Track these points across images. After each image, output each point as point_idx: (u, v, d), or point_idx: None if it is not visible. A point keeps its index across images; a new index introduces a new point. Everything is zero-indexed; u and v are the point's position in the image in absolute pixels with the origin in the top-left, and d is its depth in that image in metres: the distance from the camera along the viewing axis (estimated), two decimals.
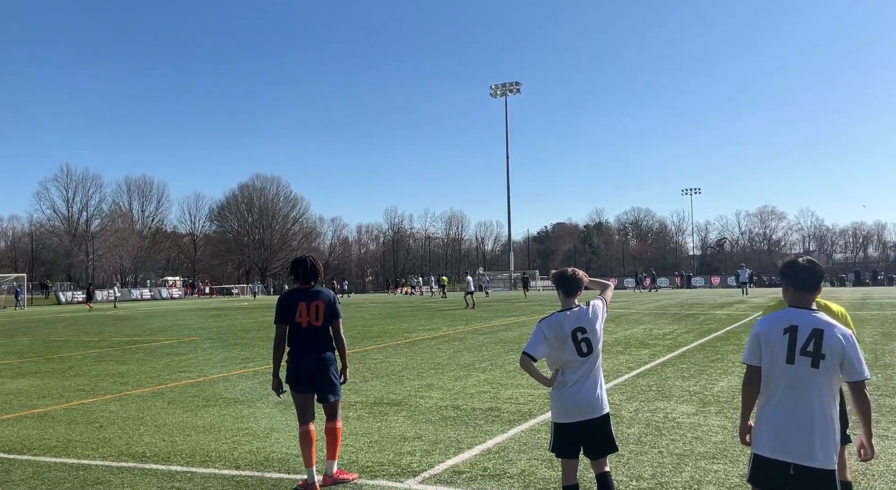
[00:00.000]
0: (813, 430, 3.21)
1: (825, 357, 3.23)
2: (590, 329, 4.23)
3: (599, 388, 4.25)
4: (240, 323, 25.53)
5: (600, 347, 4.30)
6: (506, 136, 77.47)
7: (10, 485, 5.56)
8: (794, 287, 3.42)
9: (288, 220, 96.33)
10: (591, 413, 4.21)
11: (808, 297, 3.40)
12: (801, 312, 3.36)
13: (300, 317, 5.42)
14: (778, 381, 3.29)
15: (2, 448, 6.80)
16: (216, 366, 12.89)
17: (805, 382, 3.24)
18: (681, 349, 13.85)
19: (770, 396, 3.33)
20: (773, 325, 3.35)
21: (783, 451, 3.23)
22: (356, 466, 5.84)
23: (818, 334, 3.26)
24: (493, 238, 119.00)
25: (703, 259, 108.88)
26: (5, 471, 5.97)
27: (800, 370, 3.25)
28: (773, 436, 3.27)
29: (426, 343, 16.24)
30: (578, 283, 4.36)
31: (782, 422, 3.26)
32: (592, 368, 4.24)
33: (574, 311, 4.30)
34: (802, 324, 3.30)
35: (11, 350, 17.11)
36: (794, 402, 3.25)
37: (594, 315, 4.30)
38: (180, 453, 6.45)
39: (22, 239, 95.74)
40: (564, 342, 4.20)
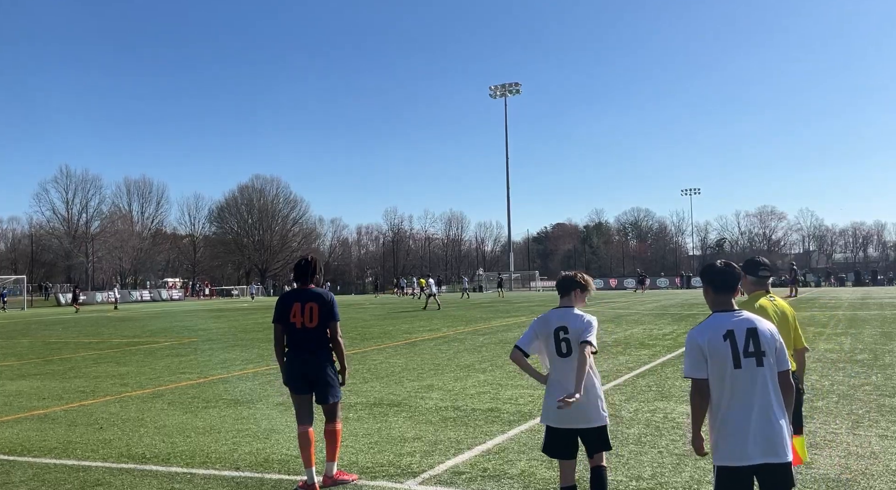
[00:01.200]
0: (772, 426, 3.27)
1: (766, 353, 3.33)
2: (572, 330, 4.21)
3: (593, 398, 4.16)
4: (240, 324, 25.52)
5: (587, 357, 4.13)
6: (505, 136, 77.55)
7: (11, 486, 5.56)
8: (714, 289, 3.48)
9: (288, 221, 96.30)
10: (583, 422, 4.16)
11: (729, 298, 3.47)
12: (730, 315, 3.42)
13: (294, 317, 5.42)
14: (730, 387, 3.33)
15: (2, 449, 6.80)
16: (216, 367, 12.89)
17: (755, 382, 3.30)
18: (681, 349, 13.84)
19: (724, 404, 3.34)
20: (712, 334, 3.37)
21: (749, 457, 3.26)
22: (356, 467, 5.84)
23: (753, 333, 3.35)
24: (493, 239, 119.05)
25: (703, 259, 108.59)
26: (6, 472, 5.97)
27: (748, 372, 3.31)
28: (733, 444, 3.28)
29: (426, 344, 16.24)
30: (572, 283, 4.40)
31: (739, 428, 3.28)
32: (572, 372, 4.14)
33: (562, 310, 4.33)
34: (736, 327, 3.36)
35: (11, 351, 17.11)
36: (749, 403, 3.29)
37: (583, 323, 4.23)
38: (180, 454, 6.45)
39: (22, 241, 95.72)
40: (548, 339, 4.25)
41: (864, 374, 10.23)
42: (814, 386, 9.10)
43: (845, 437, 6.50)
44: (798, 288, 39.44)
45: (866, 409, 7.77)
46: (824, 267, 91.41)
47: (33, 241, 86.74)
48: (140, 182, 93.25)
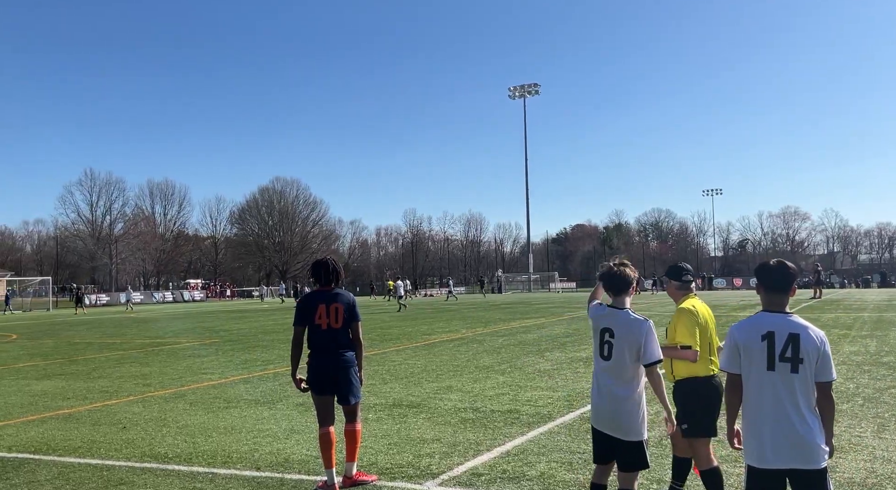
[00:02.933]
0: (799, 433, 3.23)
1: (803, 361, 3.26)
2: (619, 336, 3.98)
3: (628, 407, 3.95)
4: (260, 325, 25.71)
5: (627, 364, 3.97)
6: (524, 137, 77.35)
7: (36, 485, 5.65)
8: (766, 289, 3.43)
9: (307, 223, 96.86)
10: (613, 430, 3.98)
11: (781, 298, 3.40)
12: (776, 317, 3.36)
13: (319, 319, 5.43)
14: (760, 388, 3.30)
15: (28, 448, 6.91)
16: (237, 368, 12.99)
17: (786, 388, 3.26)
18: None
19: (754, 404, 3.32)
20: (751, 332, 3.35)
21: (778, 460, 3.24)
22: (375, 468, 5.85)
23: (794, 339, 3.28)
24: (511, 240, 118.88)
25: (725, 260, 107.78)
26: (31, 471, 6.07)
27: (780, 376, 3.27)
28: (765, 446, 3.27)
29: (445, 345, 16.24)
30: (628, 283, 4.08)
31: (771, 430, 3.26)
32: (608, 377, 3.99)
33: (614, 311, 4.06)
34: (778, 329, 3.31)
35: (37, 352, 17.39)
36: (779, 408, 3.26)
37: (638, 332, 3.97)
38: (202, 454, 6.50)
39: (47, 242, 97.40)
40: (595, 334, 4.14)
41: (890, 376, 10.06)
42: (838, 388, 8.95)
43: (871, 441, 6.39)
44: (822, 290, 38.87)
45: (892, 412, 7.64)
46: (849, 268, 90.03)
47: (58, 243, 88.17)
48: (162, 184, 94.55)
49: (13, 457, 6.58)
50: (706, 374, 4.54)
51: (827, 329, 17.13)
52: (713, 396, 4.54)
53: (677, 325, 4.51)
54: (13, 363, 14.87)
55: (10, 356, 16.47)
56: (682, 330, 4.47)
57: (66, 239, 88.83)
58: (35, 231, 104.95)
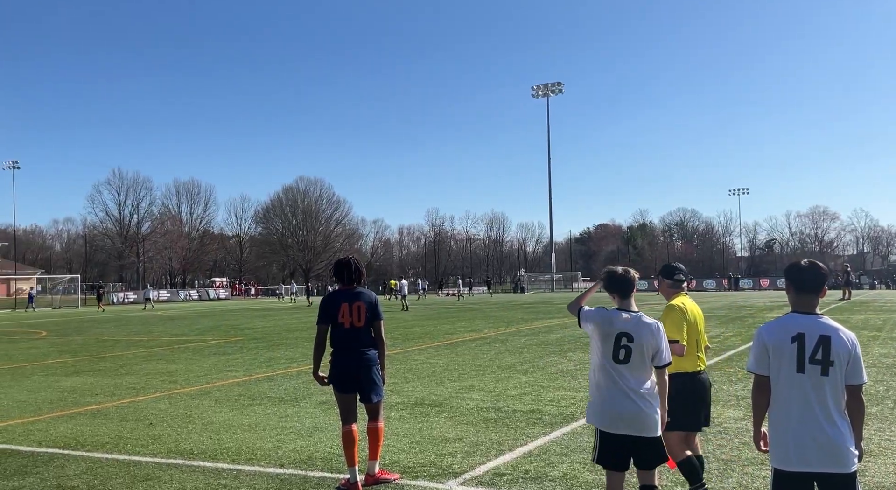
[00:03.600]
0: (828, 436, 3.18)
1: (834, 364, 3.20)
2: (637, 340, 3.99)
3: (645, 408, 3.97)
4: (284, 323, 25.92)
5: (645, 367, 4.01)
6: (548, 136, 77.01)
7: (65, 479, 5.75)
8: (796, 289, 3.36)
9: (331, 222, 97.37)
10: (640, 430, 3.96)
11: (812, 299, 3.34)
12: (806, 318, 3.30)
13: (342, 317, 5.46)
14: (788, 390, 3.25)
15: (57, 443, 7.04)
16: (261, 365, 13.11)
17: (816, 390, 3.21)
18: (728, 352, 13.54)
19: (781, 407, 3.27)
20: (780, 334, 3.29)
21: (805, 463, 3.19)
22: (398, 467, 5.87)
23: (825, 341, 3.22)
24: (534, 239, 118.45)
25: (752, 261, 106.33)
26: (60, 466, 6.18)
27: (810, 379, 3.21)
28: (792, 449, 3.22)
29: (467, 344, 16.23)
30: (632, 284, 4.14)
31: (798, 433, 3.21)
32: (625, 381, 3.98)
33: (629, 315, 4.07)
34: (809, 330, 3.25)
35: (66, 349, 17.70)
36: (808, 411, 3.21)
37: (653, 335, 4.01)
38: (227, 451, 6.57)
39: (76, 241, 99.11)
40: (606, 339, 4.04)
41: None
42: (868, 391, 8.78)
43: None
44: (851, 290, 38.16)
45: None
46: (879, 269, 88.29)
47: (87, 242, 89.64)
48: (189, 184, 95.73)
49: (43, 451, 6.70)
50: (693, 370, 4.66)
51: (857, 331, 16.83)
52: (697, 392, 4.65)
53: (665, 320, 4.60)
54: (43, 359, 15.15)
55: (39, 353, 16.79)
56: (670, 325, 4.57)
57: (94, 237, 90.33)
58: (64, 230, 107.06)
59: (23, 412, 8.82)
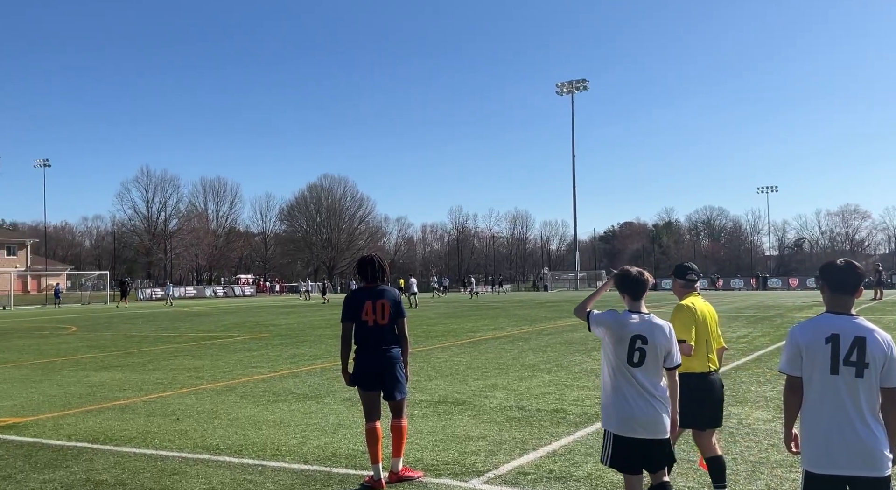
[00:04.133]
0: (861, 439, 3.11)
1: (869, 365, 3.13)
2: (651, 342, 3.98)
3: (660, 411, 3.98)
4: (308, 320, 26.10)
5: (659, 369, 4.02)
6: (572, 134, 76.52)
7: (94, 473, 5.83)
8: (831, 289, 3.29)
9: (354, 220, 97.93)
10: (654, 432, 3.96)
11: (847, 300, 3.26)
12: (841, 319, 3.22)
13: (366, 315, 5.46)
14: (821, 392, 3.18)
15: (86, 437, 7.15)
16: (286, 362, 13.21)
17: (850, 392, 3.13)
18: (756, 353, 13.35)
19: (814, 409, 3.21)
20: (814, 334, 3.21)
21: (837, 466, 3.13)
22: (421, 464, 5.86)
23: (860, 342, 3.14)
24: (558, 237, 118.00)
25: (781, 260, 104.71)
26: (89, 459, 6.27)
27: (844, 381, 3.14)
28: (824, 451, 3.16)
29: (490, 343, 16.20)
30: (644, 286, 4.13)
31: (831, 436, 3.15)
32: (641, 384, 3.97)
33: (641, 317, 4.05)
34: (843, 331, 3.17)
35: (95, 344, 18.00)
36: (841, 413, 3.14)
37: (666, 336, 4.02)
38: (252, 446, 6.62)
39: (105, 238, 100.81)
40: (619, 343, 4.00)
41: None
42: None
43: None
44: (883, 290, 37.39)
45: None
46: None
47: (116, 239, 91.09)
48: (215, 182, 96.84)
49: (72, 445, 6.81)
50: (702, 371, 4.68)
51: (890, 332, 16.46)
52: (707, 392, 4.66)
53: (674, 320, 4.62)
54: (73, 354, 15.42)
55: (70, 348, 17.09)
56: (679, 325, 4.58)
57: (123, 234, 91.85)
58: (94, 227, 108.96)
59: (53, 406, 8.98)
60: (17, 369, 12.94)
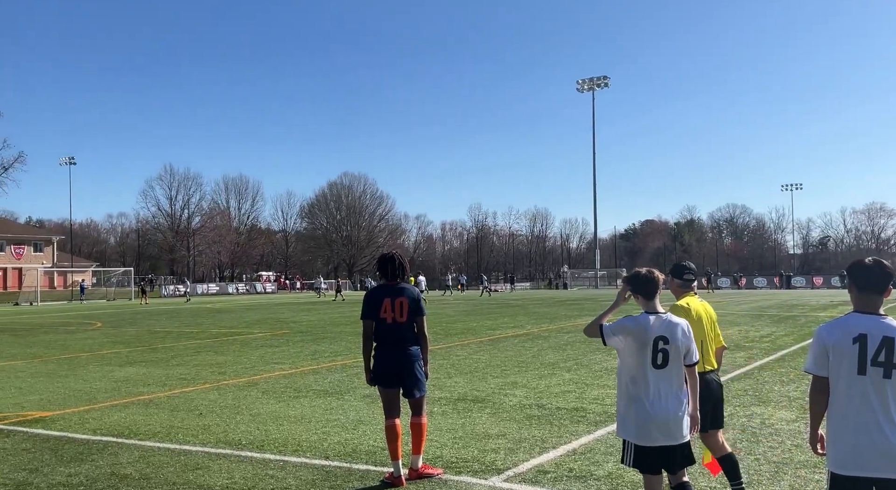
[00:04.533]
0: (891, 441, 3.05)
1: None
2: (672, 342, 3.95)
3: (682, 412, 3.94)
4: (329, 317, 26.25)
5: (682, 368, 3.99)
6: (593, 131, 76.09)
7: (119, 467, 5.92)
8: (859, 288, 3.23)
9: (374, 218, 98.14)
10: (674, 438, 3.91)
11: (875, 299, 3.20)
12: (869, 318, 3.16)
13: (385, 313, 5.48)
14: (848, 393, 3.12)
15: (111, 432, 7.26)
16: (306, 358, 13.30)
17: (878, 393, 3.08)
18: (779, 352, 13.19)
19: (840, 410, 3.15)
20: (842, 334, 3.16)
21: (863, 468, 3.07)
22: (441, 462, 5.88)
23: (889, 343, 3.08)
24: (578, 235, 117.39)
25: (805, 258, 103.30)
26: (114, 454, 6.37)
27: (872, 381, 3.08)
28: (850, 453, 3.10)
29: (510, 341, 16.17)
30: (657, 285, 4.08)
31: (857, 437, 3.10)
32: (666, 385, 3.93)
33: (660, 317, 4.02)
34: (872, 331, 3.11)
35: (120, 340, 18.26)
36: (868, 414, 3.08)
37: (685, 334, 4.01)
38: (273, 442, 6.68)
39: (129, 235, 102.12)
40: (643, 348, 3.94)
41: None
42: None
43: None
44: None
45: None
46: None
47: (140, 236, 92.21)
48: (237, 179, 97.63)
49: (98, 439, 6.92)
50: (699, 371, 4.56)
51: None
52: (703, 392, 4.58)
53: None
54: (98, 350, 15.66)
55: (95, 343, 17.35)
56: None
57: (146, 231, 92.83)
58: (118, 224, 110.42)
59: (79, 401, 9.12)
60: (43, 364, 13.17)
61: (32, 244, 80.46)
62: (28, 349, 16.03)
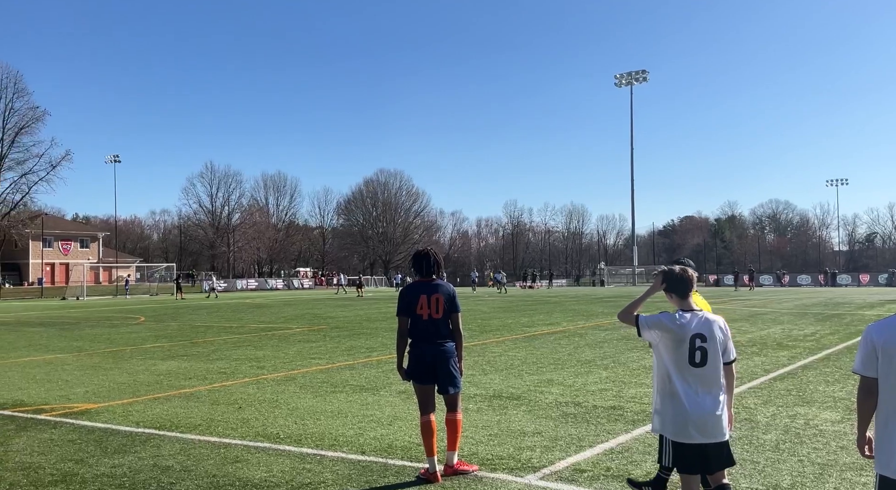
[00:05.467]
0: None
1: None
2: (710, 339, 3.88)
3: (720, 410, 3.88)
4: (364, 313, 26.44)
5: (720, 366, 3.92)
6: (630, 126, 75.11)
7: (161, 459, 6.05)
8: None
9: (410, 214, 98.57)
10: (712, 436, 3.85)
11: None
12: None
13: (421, 309, 5.48)
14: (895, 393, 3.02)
15: (153, 424, 7.42)
16: (343, 354, 13.41)
17: None
18: (824, 351, 12.86)
19: (889, 411, 3.05)
20: (892, 334, 3.05)
21: None
22: (476, 458, 5.87)
23: None
24: (615, 232, 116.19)
25: (851, 255, 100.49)
26: (156, 446, 6.51)
27: None
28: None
29: (545, 338, 16.07)
30: (691, 283, 4.02)
31: None
32: (704, 383, 3.87)
33: (696, 314, 3.95)
34: None
35: (163, 334, 18.67)
36: None
37: (722, 331, 3.95)
38: (311, 436, 6.75)
39: (172, 231, 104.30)
40: (680, 345, 3.87)
41: None
42: None
43: None
44: None
45: None
46: None
47: (182, 232, 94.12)
48: (276, 177, 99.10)
49: (140, 432, 7.08)
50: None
51: None
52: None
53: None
54: (141, 344, 16.03)
55: (138, 337, 17.77)
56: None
57: (188, 228, 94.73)
58: (161, 220, 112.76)
59: (122, 394, 9.35)
60: (89, 357, 13.53)
61: (79, 240, 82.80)
62: (74, 343, 16.50)
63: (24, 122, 70.57)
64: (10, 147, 70.61)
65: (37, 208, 74.09)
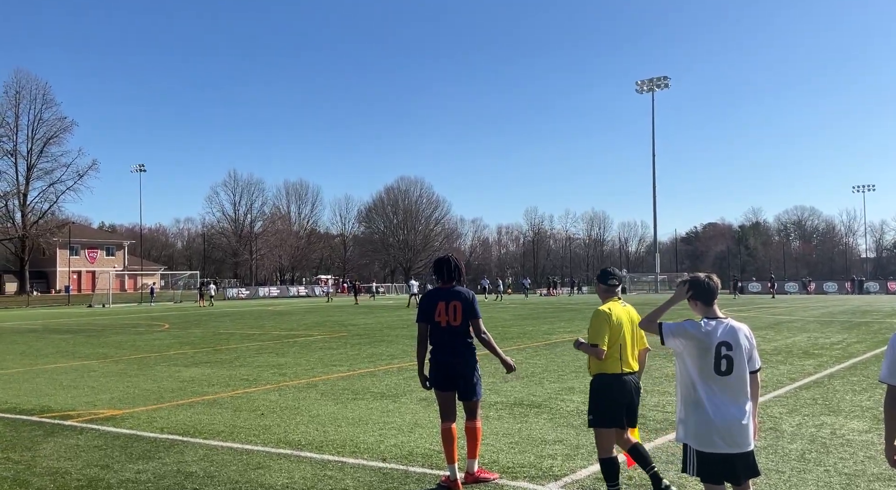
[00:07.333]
0: None
1: None
2: (736, 347, 3.83)
3: (746, 419, 3.82)
4: (385, 320, 26.50)
5: (746, 375, 3.87)
6: (652, 132, 74.58)
7: (185, 465, 6.11)
8: None
9: (430, 222, 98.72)
10: (737, 445, 3.79)
11: None
12: None
13: (439, 316, 5.49)
14: None
15: (177, 430, 7.50)
16: (364, 361, 13.45)
17: None
18: (851, 360, 12.64)
19: None
20: None
21: None
22: (497, 466, 5.85)
23: None
24: (637, 239, 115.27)
25: (878, 262, 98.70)
26: (180, 452, 6.58)
27: None
28: None
29: (566, 345, 15.98)
30: (716, 290, 4.00)
31: None
32: (729, 392, 3.82)
33: (721, 323, 3.91)
34: None
35: (186, 341, 18.87)
36: None
37: (748, 339, 3.91)
38: (332, 443, 6.78)
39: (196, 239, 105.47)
40: (705, 353, 3.83)
41: None
42: None
43: None
44: None
45: None
46: None
47: (205, 240, 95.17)
48: (297, 185, 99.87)
49: (164, 438, 7.16)
50: (614, 372, 4.85)
51: None
52: (618, 392, 4.83)
53: (590, 324, 4.92)
54: (165, 350, 16.22)
55: (163, 344, 17.98)
56: (593, 329, 4.88)
57: (212, 236, 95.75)
58: (185, 228, 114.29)
59: (147, 400, 9.46)
60: (114, 364, 13.72)
61: (105, 248, 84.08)
62: (100, 349, 16.74)
63: (53, 133, 72.14)
64: (38, 157, 72.13)
65: (64, 217, 75.41)
